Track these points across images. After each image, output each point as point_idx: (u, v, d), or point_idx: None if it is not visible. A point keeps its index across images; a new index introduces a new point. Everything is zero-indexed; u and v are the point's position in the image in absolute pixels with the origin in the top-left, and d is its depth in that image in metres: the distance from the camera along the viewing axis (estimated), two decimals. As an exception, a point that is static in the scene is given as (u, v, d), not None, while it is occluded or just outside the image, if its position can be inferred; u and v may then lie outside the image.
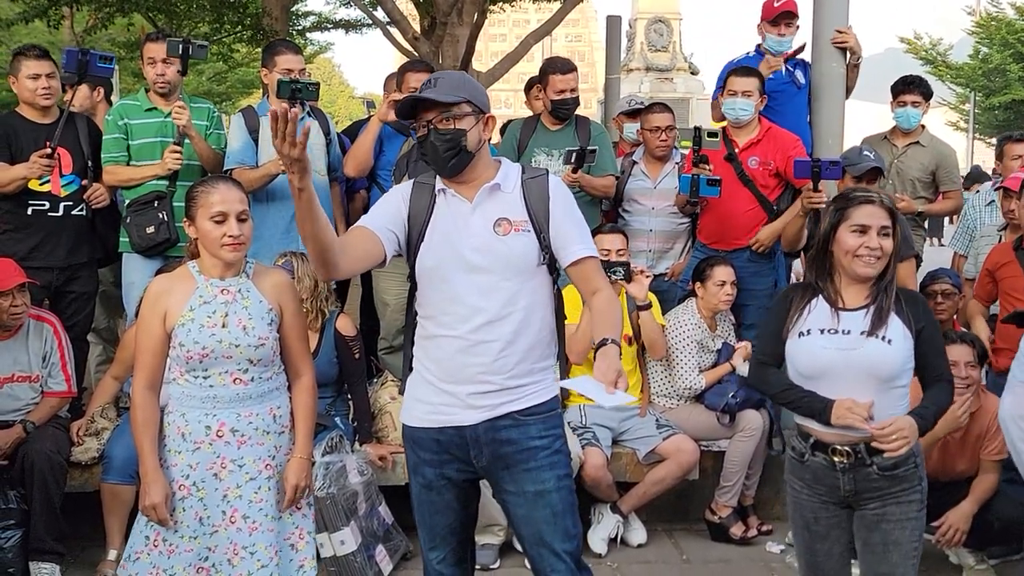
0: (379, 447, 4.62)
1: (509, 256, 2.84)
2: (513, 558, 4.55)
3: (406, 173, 4.97)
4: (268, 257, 4.58)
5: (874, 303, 3.03)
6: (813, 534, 3.18)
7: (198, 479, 3.13)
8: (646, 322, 4.84)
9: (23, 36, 18.49)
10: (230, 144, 5.08)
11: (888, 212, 3.01)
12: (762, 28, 5.80)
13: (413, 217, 2.88)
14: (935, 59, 33.26)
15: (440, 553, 3.02)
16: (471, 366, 2.84)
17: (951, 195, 6.05)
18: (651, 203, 5.71)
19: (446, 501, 2.97)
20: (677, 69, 26.36)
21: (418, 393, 2.95)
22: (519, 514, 2.94)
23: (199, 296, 3.13)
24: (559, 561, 2.90)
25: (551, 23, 12.57)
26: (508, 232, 2.85)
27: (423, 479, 2.97)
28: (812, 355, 3.06)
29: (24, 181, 4.74)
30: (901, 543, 3.03)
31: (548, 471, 2.90)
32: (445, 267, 2.85)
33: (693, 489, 5.03)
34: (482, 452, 2.90)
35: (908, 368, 3.04)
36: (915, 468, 3.04)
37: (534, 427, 2.90)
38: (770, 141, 5.30)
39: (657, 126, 5.72)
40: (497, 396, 2.87)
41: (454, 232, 2.85)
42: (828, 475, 3.09)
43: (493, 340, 2.84)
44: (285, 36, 13.63)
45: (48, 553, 4.22)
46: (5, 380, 4.41)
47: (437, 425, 2.92)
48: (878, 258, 3.00)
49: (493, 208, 2.87)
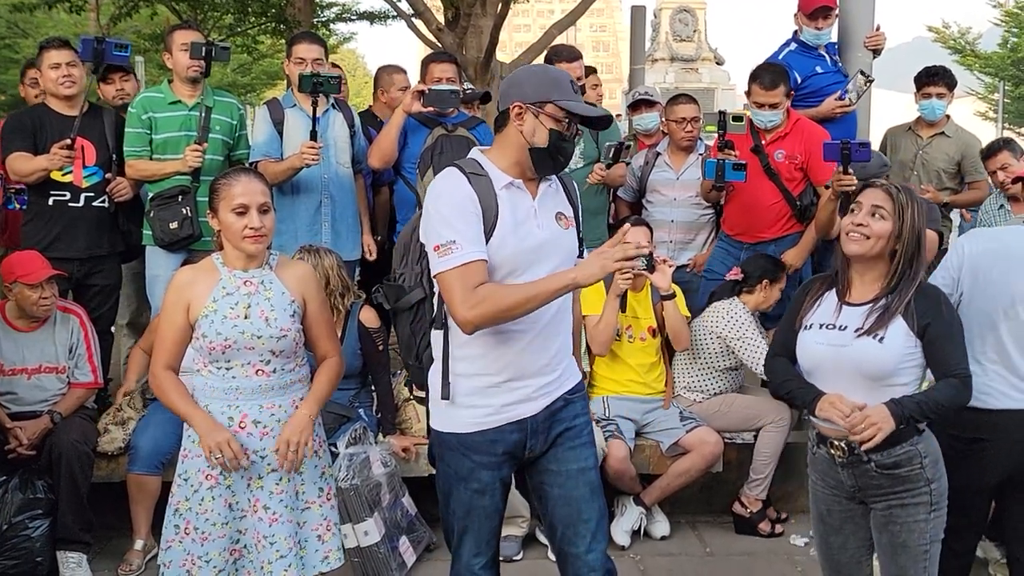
0: (402, 439, 4.63)
1: (570, 248, 2.89)
2: (536, 549, 4.55)
3: (431, 166, 4.97)
4: (295, 249, 4.59)
5: (881, 300, 2.98)
6: (827, 526, 3.19)
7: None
8: (670, 313, 4.82)
9: (49, 28, 18.63)
10: (255, 136, 5.10)
11: (889, 196, 2.96)
12: (799, 19, 5.73)
13: (485, 211, 2.74)
14: (963, 48, 32.84)
15: (484, 558, 2.98)
16: (542, 358, 2.86)
17: (977, 185, 6.00)
18: (673, 194, 5.69)
19: (495, 504, 2.95)
20: (702, 59, 26.25)
21: (469, 400, 2.84)
22: (556, 495, 2.95)
23: (222, 287, 3.14)
24: (594, 540, 2.92)
25: (575, 13, 12.51)
26: (568, 226, 2.90)
27: (478, 484, 2.88)
28: (806, 350, 3.07)
29: (45, 172, 4.76)
30: (909, 546, 2.98)
31: (589, 448, 2.99)
32: (519, 260, 2.78)
33: (717, 481, 5.02)
34: (539, 440, 2.91)
35: (908, 367, 2.96)
36: (920, 469, 2.96)
37: (578, 404, 2.99)
38: (798, 135, 5.24)
39: (683, 117, 5.68)
40: (554, 383, 2.92)
41: (524, 225, 2.80)
42: (831, 469, 3.10)
43: (556, 334, 2.90)
44: (309, 27, 13.65)
45: (75, 543, 4.27)
46: (33, 371, 4.46)
47: (497, 425, 2.86)
48: (866, 237, 2.95)
49: (551, 202, 2.89)
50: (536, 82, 2.81)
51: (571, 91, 2.78)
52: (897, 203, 2.95)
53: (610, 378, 4.85)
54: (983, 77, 34.21)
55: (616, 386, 4.85)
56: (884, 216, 2.95)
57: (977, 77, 34.14)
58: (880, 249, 2.97)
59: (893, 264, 2.98)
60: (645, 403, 4.86)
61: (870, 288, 3.03)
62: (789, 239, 5.30)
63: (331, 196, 5.09)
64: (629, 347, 4.86)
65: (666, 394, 4.95)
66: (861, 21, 5.75)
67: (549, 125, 2.76)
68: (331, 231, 5.08)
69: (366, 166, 5.32)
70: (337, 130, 5.16)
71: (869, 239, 2.95)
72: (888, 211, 2.95)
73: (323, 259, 4.47)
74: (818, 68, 5.65)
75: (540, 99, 2.77)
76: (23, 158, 4.78)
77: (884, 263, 3.00)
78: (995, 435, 3.29)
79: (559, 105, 2.75)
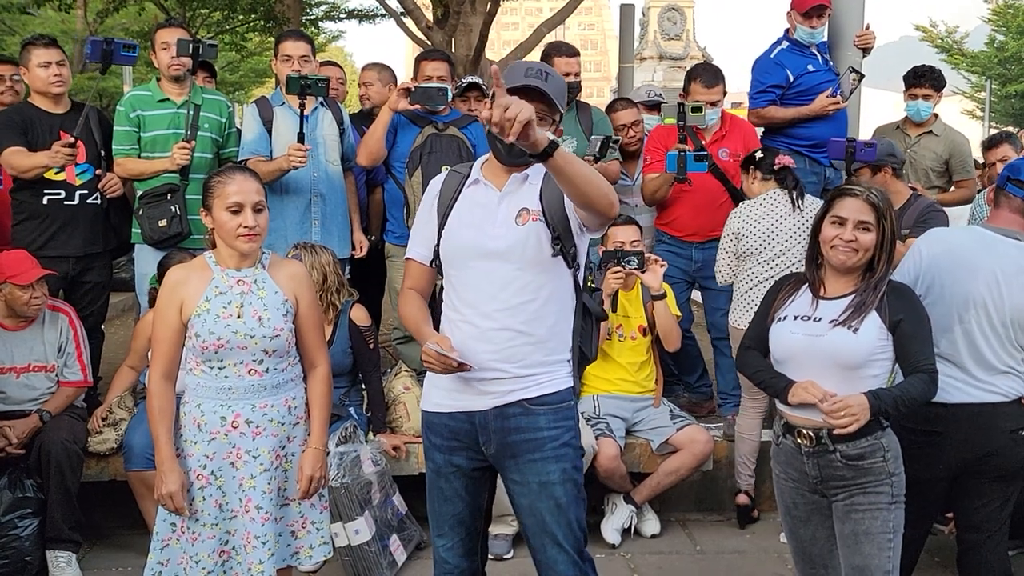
0: (393, 437, 4.63)
1: (525, 246, 2.83)
2: (527, 548, 4.55)
3: (419, 166, 4.96)
4: (284, 248, 4.60)
5: (857, 295, 3.09)
6: (795, 519, 3.26)
7: (215, 468, 3.14)
8: (661, 312, 4.83)
9: (35, 25, 18.53)
10: (244, 135, 5.08)
11: (872, 207, 3.06)
12: (792, 18, 5.75)
13: (441, 205, 2.96)
14: (951, 47, 32.99)
15: (447, 541, 3.02)
16: (482, 353, 2.83)
17: (964, 184, 6.02)
18: (634, 200, 5.72)
19: (454, 489, 2.98)
20: (691, 58, 26.16)
21: (434, 378, 2.94)
22: (523, 504, 2.94)
23: (215, 287, 3.13)
24: (560, 552, 2.90)
25: (564, 12, 12.50)
26: (526, 222, 2.85)
27: (433, 464, 3.00)
28: (781, 340, 3.16)
29: (44, 169, 4.76)
30: (872, 533, 3.04)
31: (553, 463, 2.88)
32: (464, 254, 2.88)
33: (707, 479, 5.03)
34: (490, 439, 2.90)
35: (880, 359, 3.06)
36: (883, 463, 3.05)
37: (543, 417, 2.88)
38: (735, 132, 5.39)
39: (623, 124, 5.74)
40: (508, 383, 2.87)
41: (477, 220, 2.87)
42: (796, 459, 3.16)
43: (504, 329, 2.84)
44: (297, 24, 13.63)
45: (65, 541, 4.26)
46: (22, 370, 4.44)
47: (448, 410, 2.94)
48: (855, 250, 3.07)
49: (518, 198, 2.88)
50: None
51: (520, 77, 2.74)
52: (878, 212, 3.07)
53: (601, 376, 4.86)
54: (970, 76, 34.38)
55: (607, 384, 4.86)
56: (869, 228, 3.07)
57: (964, 76, 34.30)
58: (868, 259, 3.10)
59: (872, 264, 3.10)
60: (635, 401, 4.88)
61: (844, 285, 3.15)
62: None
63: (321, 194, 5.08)
64: (620, 346, 4.87)
65: (656, 392, 4.96)
66: (851, 20, 5.79)
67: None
68: (321, 229, 5.07)
69: (355, 164, 5.31)
70: (326, 128, 5.15)
71: (859, 252, 3.08)
72: (872, 223, 3.06)
73: (319, 255, 4.47)
74: (810, 67, 5.68)
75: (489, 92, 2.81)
76: (21, 153, 4.77)
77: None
78: (947, 428, 3.39)
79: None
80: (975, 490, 3.48)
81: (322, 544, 3.32)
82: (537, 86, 2.75)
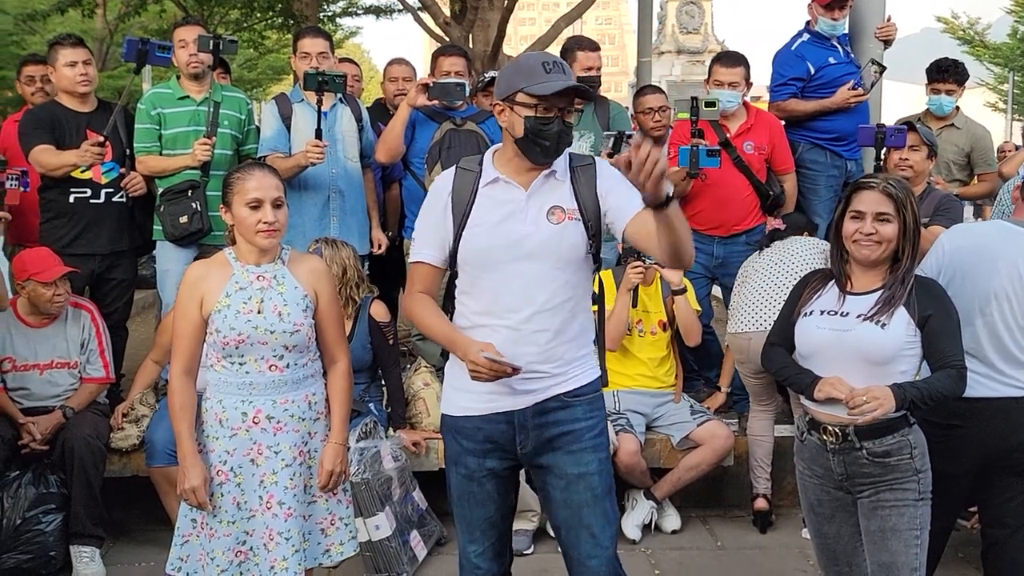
0: (413, 433, 4.64)
1: (561, 245, 2.81)
2: (547, 544, 4.55)
3: (439, 161, 4.96)
4: (303, 244, 4.61)
5: (886, 290, 3.05)
6: (819, 516, 3.22)
7: (235, 465, 3.15)
8: (681, 307, 4.82)
9: (56, 25, 18.64)
10: (263, 131, 5.09)
11: (890, 198, 3.02)
12: (814, 10, 5.69)
13: (456, 206, 2.86)
14: (973, 39, 32.67)
15: (479, 547, 2.99)
16: (521, 356, 2.78)
17: (986, 177, 5.98)
18: None
19: (487, 492, 2.95)
20: (709, 51, 26.12)
21: (461, 382, 2.87)
22: (558, 497, 2.92)
23: (235, 282, 3.14)
24: (597, 546, 2.88)
25: (582, 6, 12.48)
26: (561, 221, 2.82)
27: (465, 469, 2.94)
28: (808, 334, 3.13)
29: (72, 168, 4.79)
30: (899, 530, 3.01)
31: (591, 453, 2.89)
32: (495, 255, 2.81)
33: (727, 475, 5.01)
34: (528, 437, 2.88)
35: (907, 355, 3.03)
36: (910, 459, 3.02)
37: (580, 408, 2.89)
38: (761, 125, 5.35)
39: (650, 107, 5.73)
40: (546, 381, 2.86)
41: (506, 220, 2.82)
42: (821, 456, 3.13)
43: (544, 330, 2.82)
44: (315, 21, 13.66)
45: (88, 537, 4.29)
46: (45, 367, 4.47)
47: (483, 413, 2.89)
48: (877, 243, 3.03)
49: (547, 196, 2.84)
50: (506, 76, 2.83)
51: (541, 73, 2.73)
52: (897, 202, 3.02)
53: (621, 372, 4.84)
54: (993, 68, 34.05)
55: (627, 380, 4.85)
56: (889, 219, 3.03)
57: (987, 67, 33.98)
58: (891, 251, 3.06)
59: (897, 255, 3.07)
60: (655, 397, 4.86)
61: (871, 280, 3.11)
62: (759, 229, 5.33)
63: (340, 191, 5.09)
64: (640, 341, 4.86)
65: (676, 388, 4.95)
66: (872, 12, 5.76)
67: (523, 113, 2.75)
68: (340, 226, 5.07)
69: (374, 160, 5.32)
70: (345, 125, 5.15)
71: (881, 244, 3.04)
72: (892, 213, 3.03)
73: (340, 250, 4.50)
74: (831, 59, 5.64)
75: (510, 91, 2.78)
76: (50, 151, 4.80)
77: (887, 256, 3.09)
78: (969, 422, 3.36)
79: (527, 92, 2.74)
80: (999, 485, 3.46)
81: (351, 539, 3.33)
82: (580, 86, 2.78)
